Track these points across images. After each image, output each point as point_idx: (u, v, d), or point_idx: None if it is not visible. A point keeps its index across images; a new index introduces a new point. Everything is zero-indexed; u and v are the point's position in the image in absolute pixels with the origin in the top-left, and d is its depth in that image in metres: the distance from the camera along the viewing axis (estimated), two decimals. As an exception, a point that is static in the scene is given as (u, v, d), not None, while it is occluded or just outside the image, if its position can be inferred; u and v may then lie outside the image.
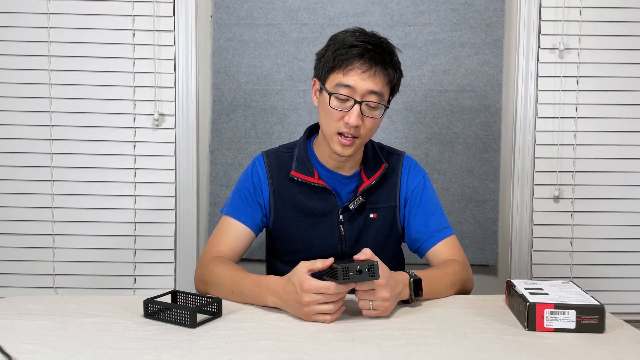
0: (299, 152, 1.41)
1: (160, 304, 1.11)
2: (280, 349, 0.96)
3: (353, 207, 1.37)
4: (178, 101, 1.97)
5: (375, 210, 1.40)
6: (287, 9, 1.93)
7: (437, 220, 1.42)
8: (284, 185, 1.40)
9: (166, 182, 1.99)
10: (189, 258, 2.00)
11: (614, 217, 1.99)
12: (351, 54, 1.27)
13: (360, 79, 1.26)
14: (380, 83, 1.28)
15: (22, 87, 1.95)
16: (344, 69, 1.27)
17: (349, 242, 1.40)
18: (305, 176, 1.38)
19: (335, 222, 1.39)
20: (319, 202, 1.39)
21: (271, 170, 1.41)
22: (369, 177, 1.39)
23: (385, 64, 1.28)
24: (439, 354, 0.95)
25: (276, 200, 1.41)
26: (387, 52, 1.30)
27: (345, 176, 1.40)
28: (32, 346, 0.97)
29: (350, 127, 1.28)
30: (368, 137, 1.34)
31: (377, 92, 1.27)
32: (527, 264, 2.01)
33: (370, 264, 1.07)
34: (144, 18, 1.94)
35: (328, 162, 1.40)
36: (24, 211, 1.97)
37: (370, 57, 1.27)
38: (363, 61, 1.26)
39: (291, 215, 1.40)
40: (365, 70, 1.26)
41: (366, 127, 1.30)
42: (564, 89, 1.96)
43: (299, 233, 1.40)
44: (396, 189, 1.43)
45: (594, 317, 1.05)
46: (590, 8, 1.94)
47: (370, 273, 1.07)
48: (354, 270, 1.06)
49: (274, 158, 1.43)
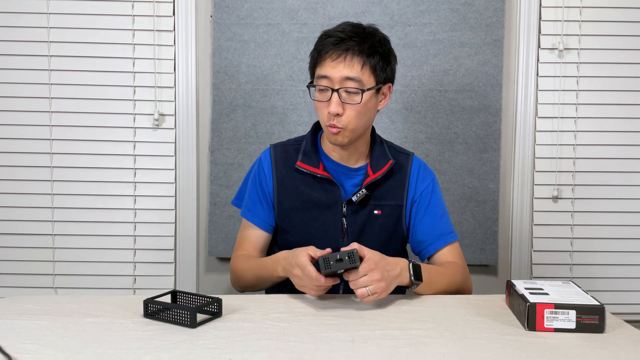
0: (306, 145, 1.43)
1: (160, 304, 1.11)
2: (280, 349, 0.96)
3: (356, 199, 1.37)
4: (178, 101, 1.97)
5: (380, 207, 1.40)
6: (287, 9, 1.93)
7: (444, 224, 1.43)
8: (288, 176, 1.42)
9: (166, 182, 1.99)
10: (189, 258, 2.00)
11: (614, 217, 1.99)
12: (326, 44, 1.29)
13: (332, 67, 1.28)
14: (356, 68, 1.27)
15: (22, 87, 1.95)
16: (321, 61, 1.30)
17: (351, 236, 1.39)
18: (310, 167, 1.39)
19: (338, 215, 1.39)
20: (323, 193, 1.39)
21: (276, 163, 1.44)
22: (375, 172, 1.38)
23: (360, 49, 1.27)
24: (439, 354, 0.95)
25: (280, 191, 1.42)
26: (364, 37, 1.29)
27: (351, 168, 1.41)
28: (32, 346, 0.97)
29: (332, 117, 1.29)
30: (355, 125, 1.31)
31: (353, 78, 1.27)
32: (527, 264, 2.01)
33: (349, 252, 1.12)
34: (144, 18, 1.94)
35: (333, 155, 1.41)
36: (24, 211, 1.97)
37: (344, 44, 1.27)
38: (335, 49, 1.28)
39: (294, 206, 1.41)
40: (336, 57, 1.27)
41: (349, 116, 1.29)
42: (564, 89, 1.96)
43: (302, 224, 1.41)
44: (404, 188, 1.42)
45: (594, 317, 1.05)
46: (590, 8, 1.94)
47: (350, 260, 1.12)
48: (334, 260, 1.12)
49: (280, 151, 1.45)
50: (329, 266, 1.11)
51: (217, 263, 2.04)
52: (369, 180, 1.38)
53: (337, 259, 1.11)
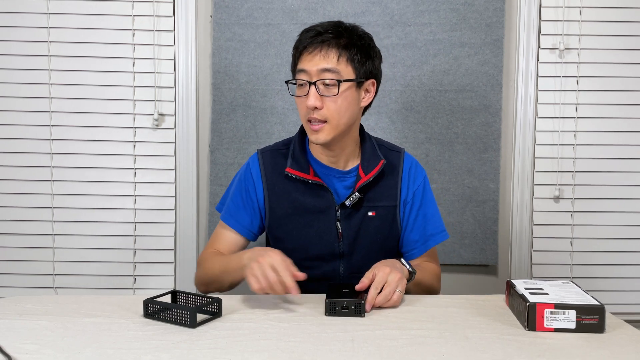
0: (294, 149, 1.40)
1: (160, 304, 1.11)
2: (280, 349, 0.96)
3: (349, 203, 1.35)
4: (178, 101, 1.97)
5: (374, 208, 1.38)
6: (287, 9, 1.93)
7: (436, 222, 1.45)
8: (278, 183, 1.39)
9: (166, 182, 1.99)
10: (189, 258, 2.00)
11: (614, 217, 1.99)
12: (303, 39, 1.30)
13: (309, 60, 1.28)
14: (332, 59, 1.27)
15: (22, 87, 1.95)
16: (299, 56, 1.31)
17: (346, 240, 1.38)
18: (300, 173, 1.36)
19: (332, 220, 1.37)
20: (315, 199, 1.37)
21: (265, 170, 1.41)
22: (367, 173, 1.36)
23: (336, 42, 1.27)
24: (439, 354, 0.95)
25: (271, 199, 1.40)
26: (342, 32, 1.29)
27: (342, 171, 1.39)
28: (32, 346, 0.97)
29: (310, 111, 1.28)
30: (338, 119, 1.29)
31: (330, 69, 1.26)
32: (527, 264, 2.01)
33: (356, 302, 1.13)
34: (144, 18, 1.94)
35: (322, 158, 1.39)
36: (24, 211, 1.97)
37: (321, 37, 1.28)
38: (312, 42, 1.28)
39: (287, 213, 1.39)
40: (312, 50, 1.28)
41: (329, 108, 1.27)
42: (564, 89, 1.96)
43: (296, 231, 1.39)
44: (397, 188, 1.41)
45: (594, 317, 1.05)
46: (590, 8, 1.94)
47: (356, 311, 1.13)
48: (340, 306, 1.13)
49: (269, 157, 1.42)
50: (334, 311, 1.13)
51: (217, 263, 2.03)
52: (361, 182, 1.36)
53: (344, 307, 1.13)
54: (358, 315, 1.13)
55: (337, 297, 1.14)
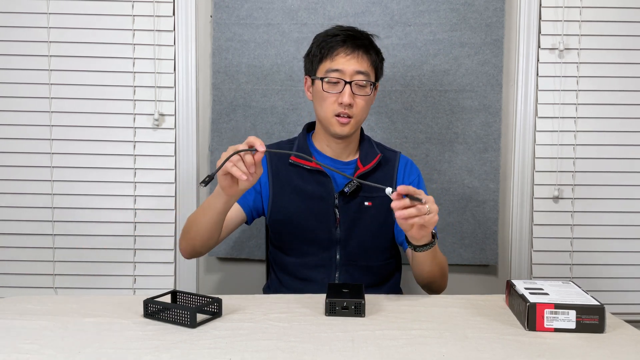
0: (299, 142, 1.53)
1: (160, 304, 1.11)
2: (280, 349, 0.96)
3: (348, 190, 1.45)
4: (178, 101, 1.97)
5: (370, 198, 1.47)
6: (287, 9, 1.93)
7: None
8: (282, 170, 1.50)
9: (166, 182, 1.99)
10: (189, 258, 2.00)
11: (614, 217, 1.99)
12: (335, 42, 1.42)
13: (346, 61, 1.41)
14: (365, 64, 1.43)
15: (22, 87, 1.94)
16: (331, 56, 1.42)
17: (343, 225, 1.47)
18: (303, 160, 1.47)
19: (330, 206, 1.46)
20: (316, 185, 1.47)
21: (271, 158, 1.52)
22: (365, 165, 1.49)
23: (366, 47, 1.44)
24: (439, 354, 0.95)
25: (274, 184, 1.50)
26: (366, 38, 1.46)
27: (343, 162, 1.51)
28: (32, 346, 0.97)
29: (344, 107, 1.41)
30: (362, 116, 1.45)
31: (363, 72, 1.42)
32: (527, 264, 2.01)
33: (357, 302, 1.14)
34: (144, 18, 1.94)
35: (326, 151, 1.52)
36: (24, 211, 1.97)
37: (352, 42, 1.42)
38: (346, 46, 1.42)
39: (289, 198, 1.48)
40: (349, 53, 1.42)
41: (359, 106, 1.43)
42: (564, 89, 1.96)
43: (296, 215, 1.47)
44: (392, 180, 1.51)
45: (594, 317, 1.05)
46: (590, 8, 1.94)
47: (356, 311, 1.14)
48: (341, 306, 1.14)
49: (274, 147, 1.56)
50: (334, 311, 1.14)
51: (217, 263, 2.04)
52: (359, 172, 1.47)
53: (344, 307, 1.14)
54: (358, 315, 1.13)
55: (337, 297, 1.15)
